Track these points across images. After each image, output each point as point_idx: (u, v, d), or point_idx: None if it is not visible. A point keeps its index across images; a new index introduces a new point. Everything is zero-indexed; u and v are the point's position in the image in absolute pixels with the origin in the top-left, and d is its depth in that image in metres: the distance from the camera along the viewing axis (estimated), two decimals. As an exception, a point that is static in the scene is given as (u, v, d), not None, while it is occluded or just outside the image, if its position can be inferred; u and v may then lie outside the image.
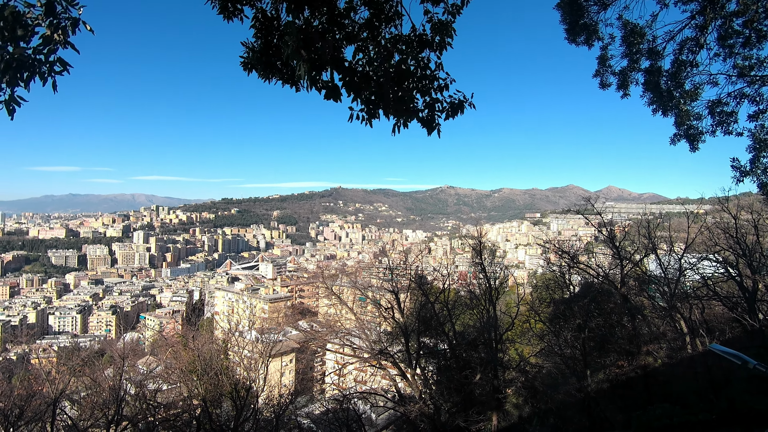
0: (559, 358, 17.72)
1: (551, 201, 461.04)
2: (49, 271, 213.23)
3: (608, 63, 9.11)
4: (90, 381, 18.88)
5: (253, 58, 4.55)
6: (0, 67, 3.44)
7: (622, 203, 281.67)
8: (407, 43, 4.55)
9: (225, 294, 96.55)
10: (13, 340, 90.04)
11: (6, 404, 15.05)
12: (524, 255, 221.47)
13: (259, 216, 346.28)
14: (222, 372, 19.01)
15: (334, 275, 41.37)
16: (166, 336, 50.09)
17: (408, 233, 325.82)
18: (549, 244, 22.37)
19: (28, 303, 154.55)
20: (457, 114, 4.78)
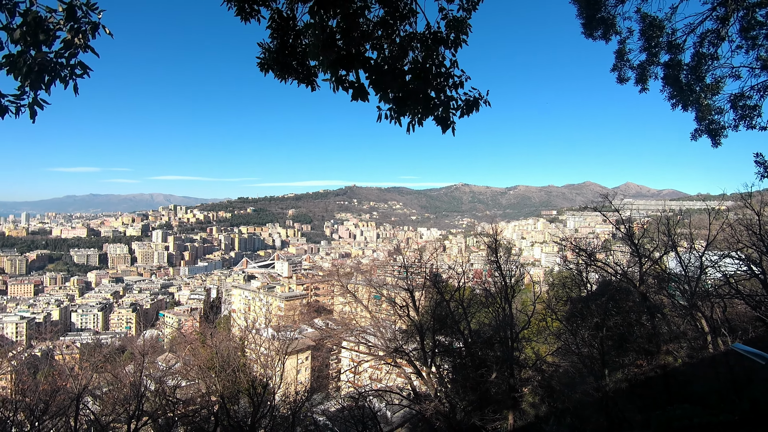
0: (576, 357, 17.52)
1: (567, 198, 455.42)
2: (71, 269, 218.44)
3: (626, 57, 8.95)
4: (111, 377, 19.30)
5: (270, 59, 4.58)
6: (23, 72, 3.51)
7: (641, 200, 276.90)
8: (422, 40, 4.53)
9: (242, 292, 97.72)
10: (37, 337, 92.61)
11: (32, 399, 15.49)
12: (540, 253, 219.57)
13: (274, 215, 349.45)
14: (239, 369, 19.26)
15: (349, 273, 41.59)
16: (184, 333, 50.90)
17: (422, 231, 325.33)
18: (565, 242, 22.15)
19: (51, 301, 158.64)
20: (472, 111, 4.73)
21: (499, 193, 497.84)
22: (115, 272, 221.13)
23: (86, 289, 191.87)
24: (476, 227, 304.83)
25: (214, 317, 59.14)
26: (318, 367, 42.65)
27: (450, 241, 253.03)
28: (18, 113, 3.86)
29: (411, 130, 4.71)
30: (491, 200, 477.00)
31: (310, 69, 4.71)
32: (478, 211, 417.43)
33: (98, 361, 19.35)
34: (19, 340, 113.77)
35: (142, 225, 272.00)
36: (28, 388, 17.44)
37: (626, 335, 16.52)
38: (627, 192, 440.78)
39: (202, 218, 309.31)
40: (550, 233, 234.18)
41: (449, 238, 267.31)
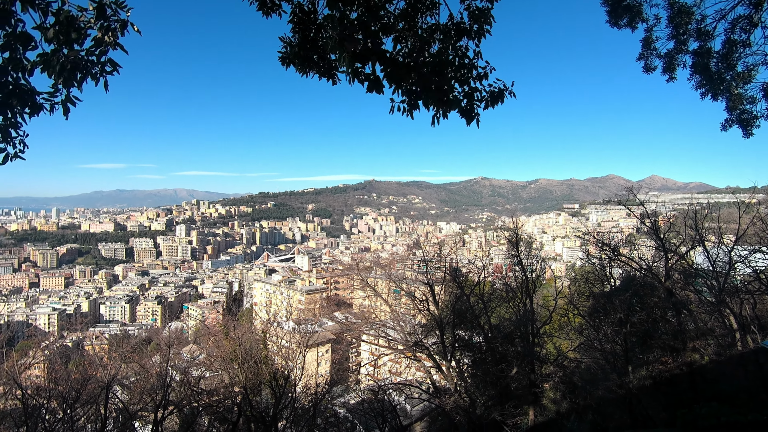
0: (598, 353, 17.22)
1: (590, 192, 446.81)
2: (99, 263, 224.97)
3: (653, 45, 8.67)
4: (139, 367, 19.85)
5: (291, 53, 4.58)
6: (57, 70, 3.60)
7: (667, 193, 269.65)
8: (444, 32, 4.47)
9: (263, 285, 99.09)
10: (68, 328, 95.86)
11: (64, 387, 16.06)
12: (562, 247, 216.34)
13: (294, 209, 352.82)
14: (261, 361, 19.58)
15: (368, 267, 41.76)
16: (208, 325, 51.94)
17: (442, 225, 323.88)
18: (588, 236, 21.74)
19: (81, 293, 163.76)
20: (497, 103, 4.66)
21: (520, 187, 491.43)
22: (140, 266, 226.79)
23: (114, 281, 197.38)
24: (496, 221, 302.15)
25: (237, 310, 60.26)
26: (338, 359, 43.06)
27: (470, 235, 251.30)
28: (52, 110, 3.96)
29: (436, 123, 4.65)
30: (511, 194, 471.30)
31: (331, 62, 4.71)
32: (498, 205, 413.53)
33: (126, 351, 19.91)
34: (51, 331, 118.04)
35: (167, 219, 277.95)
36: (60, 376, 18.07)
37: (651, 331, 16.18)
38: (652, 185, 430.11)
39: (224, 213, 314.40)
40: (572, 227, 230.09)
41: (469, 233, 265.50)
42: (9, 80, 3.70)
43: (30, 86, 3.85)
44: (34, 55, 3.71)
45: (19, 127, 4.00)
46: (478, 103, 4.69)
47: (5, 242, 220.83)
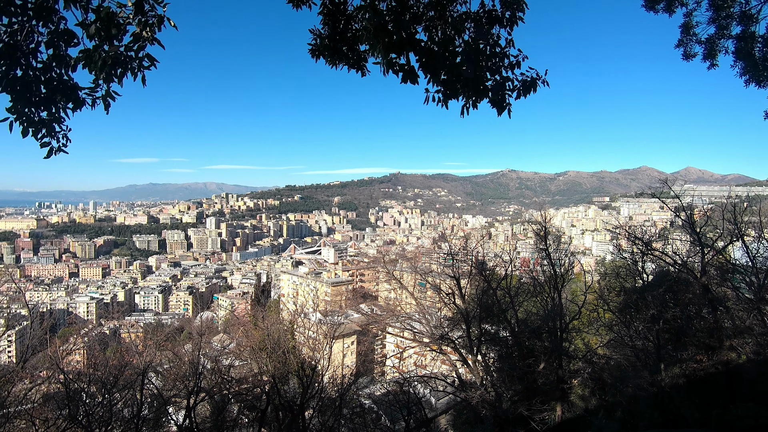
0: (629, 350, 16.82)
1: (621, 184, 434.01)
2: (134, 254, 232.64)
3: (693, 31, 8.30)
4: (172, 355, 20.51)
5: (321, 45, 4.60)
6: (98, 65, 3.71)
7: (703, 185, 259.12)
8: (476, 20, 4.40)
9: (290, 277, 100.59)
10: (106, 316, 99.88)
11: (102, 373, 16.76)
12: (591, 241, 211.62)
13: (320, 202, 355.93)
14: (289, 351, 19.94)
15: (394, 260, 41.82)
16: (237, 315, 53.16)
17: (468, 218, 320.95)
18: (619, 230, 21.18)
19: (117, 283, 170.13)
20: (529, 93, 4.57)
21: (548, 179, 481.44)
22: (173, 257, 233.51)
23: (147, 272, 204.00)
24: (523, 214, 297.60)
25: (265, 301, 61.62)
26: (364, 351, 43.45)
27: (496, 228, 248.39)
28: (94, 105, 4.09)
29: (465, 113, 4.60)
30: (539, 186, 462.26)
31: (360, 54, 4.71)
32: (526, 198, 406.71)
33: (160, 339, 20.59)
34: (90, 319, 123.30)
35: (197, 212, 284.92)
36: (99, 362, 18.87)
37: (685, 329, 15.70)
38: (687, 177, 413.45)
39: (252, 206, 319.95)
40: (603, 221, 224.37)
41: (495, 226, 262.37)
42: (53, 76, 3.85)
43: (73, 82, 3.97)
44: (75, 52, 3.84)
45: (62, 122, 4.12)
46: (509, 92, 4.61)
47: (47, 234, 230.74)
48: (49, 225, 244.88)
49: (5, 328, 18.16)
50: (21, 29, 3.59)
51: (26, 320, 34.85)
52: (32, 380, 17.86)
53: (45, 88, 3.87)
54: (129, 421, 15.15)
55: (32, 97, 3.83)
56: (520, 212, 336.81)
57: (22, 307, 47.22)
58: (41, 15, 3.60)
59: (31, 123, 3.96)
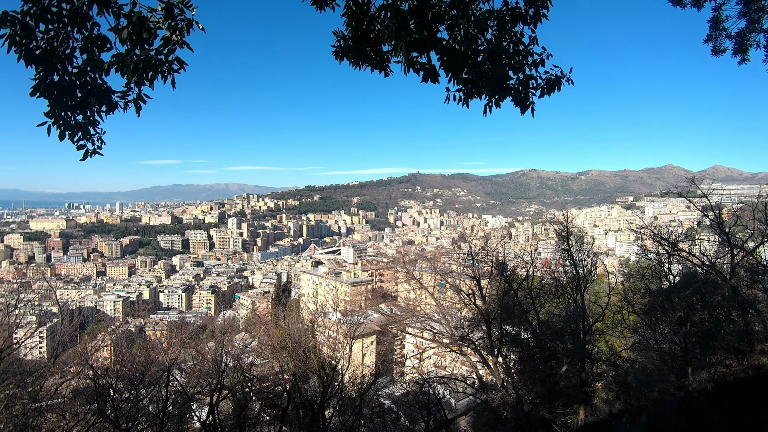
0: (655, 353, 16.41)
1: (646, 183, 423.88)
2: (158, 253, 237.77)
3: (722, 25, 8.05)
4: (195, 353, 20.88)
5: (345, 47, 4.64)
6: (130, 69, 3.82)
7: (732, 184, 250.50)
8: (499, 18, 4.37)
9: (310, 277, 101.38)
10: (132, 314, 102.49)
11: (129, 369, 17.20)
12: (614, 241, 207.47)
13: (339, 202, 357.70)
14: (310, 350, 20.09)
15: (413, 260, 41.71)
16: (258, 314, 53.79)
17: (488, 218, 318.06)
18: (644, 230, 20.69)
19: (142, 282, 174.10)
20: (554, 91, 4.50)
21: (570, 179, 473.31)
22: (195, 256, 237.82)
23: (171, 271, 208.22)
24: (544, 214, 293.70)
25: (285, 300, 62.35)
26: (383, 351, 43.48)
27: (516, 228, 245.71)
28: (126, 108, 4.21)
29: (488, 112, 4.56)
30: (561, 186, 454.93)
31: (383, 54, 4.72)
32: (547, 198, 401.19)
33: (185, 337, 20.97)
34: (117, 316, 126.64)
35: (219, 213, 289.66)
36: (126, 359, 19.37)
37: (713, 332, 15.24)
38: (715, 176, 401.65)
39: (272, 206, 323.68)
40: (627, 221, 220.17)
41: (515, 226, 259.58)
42: (87, 80, 3.97)
43: (106, 86, 4.10)
44: (108, 56, 3.94)
45: (96, 125, 4.25)
46: (533, 91, 4.55)
47: (76, 234, 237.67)
48: (78, 225, 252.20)
49: (37, 325, 18.77)
50: (57, 36, 3.71)
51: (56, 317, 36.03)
52: (62, 375, 18.44)
53: (80, 92, 3.99)
54: (154, 417, 15.50)
55: (68, 102, 3.96)
56: (541, 212, 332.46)
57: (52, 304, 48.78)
58: (76, 21, 3.72)
59: (68, 126, 4.09)
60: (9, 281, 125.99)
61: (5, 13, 3.54)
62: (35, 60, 3.71)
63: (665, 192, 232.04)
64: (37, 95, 3.82)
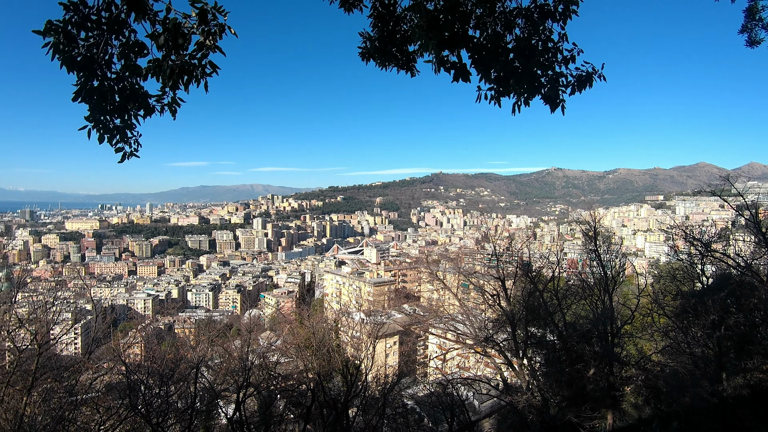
0: (687, 358, 15.92)
1: (677, 182, 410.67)
2: (186, 253, 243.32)
3: (758, 15, 7.77)
4: (222, 351, 21.34)
5: (371, 48, 4.67)
6: (166, 74, 3.95)
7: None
8: (527, 15, 4.32)
9: (333, 277, 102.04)
10: (161, 312, 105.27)
11: (159, 365, 17.70)
12: (644, 242, 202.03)
13: (362, 203, 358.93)
14: (333, 350, 20.26)
15: (436, 260, 41.56)
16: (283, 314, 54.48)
17: (512, 218, 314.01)
18: (675, 230, 20.09)
19: (171, 281, 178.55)
20: (584, 88, 4.43)
21: (597, 177, 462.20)
22: (222, 256, 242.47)
23: (199, 271, 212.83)
24: (570, 214, 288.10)
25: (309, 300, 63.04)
26: (406, 351, 43.43)
27: (541, 228, 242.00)
28: (162, 111, 4.36)
29: (516, 111, 4.52)
30: (587, 185, 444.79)
31: (410, 54, 4.73)
32: (573, 197, 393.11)
33: (213, 335, 21.45)
34: (147, 314, 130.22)
35: (244, 213, 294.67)
36: (156, 356, 19.92)
37: (749, 336, 14.68)
38: (751, 173, 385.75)
39: (296, 206, 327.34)
40: (657, 220, 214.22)
41: (540, 226, 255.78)
42: (125, 85, 4.13)
43: (143, 90, 4.25)
44: (144, 62, 4.08)
45: (134, 128, 4.42)
46: (563, 88, 4.47)
47: (108, 234, 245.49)
48: (110, 226, 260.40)
49: (73, 322, 19.48)
50: (97, 43, 3.87)
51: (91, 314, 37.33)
52: (96, 371, 19.11)
53: (119, 96, 4.15)
54: (183, 413, 15.89)
55: (107, 106, 4.12)
56: (567, 212, 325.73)
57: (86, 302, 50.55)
58: (114, 29, 3.87)
59: (107, 130, 4.26)
60: (46, 279, 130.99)
61: (49, 22, 3.71)
62: (76, 66, 3.88)
63: (697, 191, 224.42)
64: (78, 100, 4.00)
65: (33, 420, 13.44)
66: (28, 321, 15.94)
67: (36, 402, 14.43)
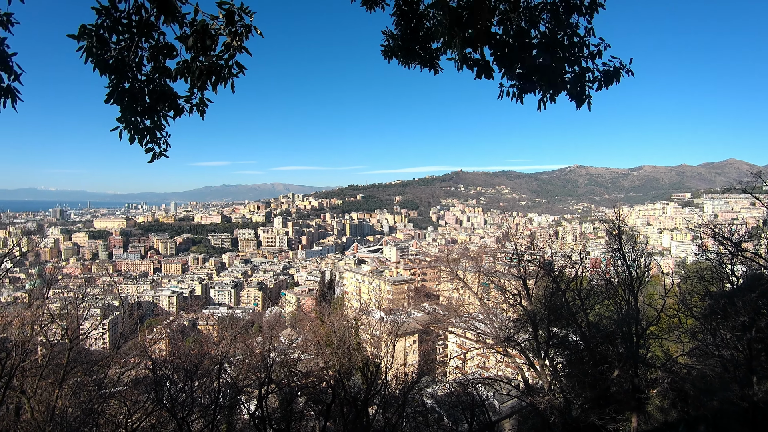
0: (715, 360, 15.47)
1: (705, 179, 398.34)
2: (209, 251, 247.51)
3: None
4: (244, 347, 21.67)
5: (394, 46, 4.68)
6: (195, 75, 4.05)
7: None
8: (552, 10, 4.25)
9: (353, 275, 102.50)
10: (185, 308, 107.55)
11: (184, 361, 18.09)
12: (670, 241, 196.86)
13: (382, 201, 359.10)
14: (354, 348, 20.36)
15: (456, 259, 41.34)
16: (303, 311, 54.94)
17: (533, 217, 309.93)
18: (703, 228, 19.51)
19: (195, 278, 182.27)
20: (612, 83, 4.32)
21: (621, 175, 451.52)
22: (244, 254, 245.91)
23: (221, 268, 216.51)
24: (593, 212, 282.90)
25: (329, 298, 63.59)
26: (426, 350, 43.33)
27: (564, 227, 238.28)
28: (191, 112, 4.46)
29: (542, 108, 4.44)
30: (611, 183, 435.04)
31: (433, 52, 4.72)
32: (596, 195, 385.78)
33: (236, 332, 21.78)
34: (172, 311, 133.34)
35: (266, 212, 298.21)
36: (181, 351, 20.35)
37: (782, 338, 14.19)
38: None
39: (316, 205, 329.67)
40: (684, 219, 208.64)
41: (563, 225, 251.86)
42: (155, 87, 4.24)
43: (173, 91, 4.35)
44: (173, 63, 4.19)
45: (163, 129, 4.53)
46: (589, 84, 4.39)
47: (134, 232, 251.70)
48: (136, 224, 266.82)
49: (101, 318, 20.07)
50: (128, 46, 3.99)
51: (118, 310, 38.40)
52: (123, 365, 19.65)
53: (149, 98, 4.26)
54: (206, 408, 16.20)
55: (138, 107, 4.24)
56: (590, 210, 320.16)
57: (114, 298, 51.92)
58: (144, 31, 3.98)
59: (138, 131, 4.38)
60: (76, 276, 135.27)
61: (83, 26, 3.83)
62: (108, 69, 4.00)
63: (727, 188, 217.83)
64: (111, 102, 4.12)
65: (64, 412, 13.91)
66: (59, 316, 16.49)
67: (67, 395, 14.91)
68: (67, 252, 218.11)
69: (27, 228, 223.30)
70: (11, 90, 4.01)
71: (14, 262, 15.87)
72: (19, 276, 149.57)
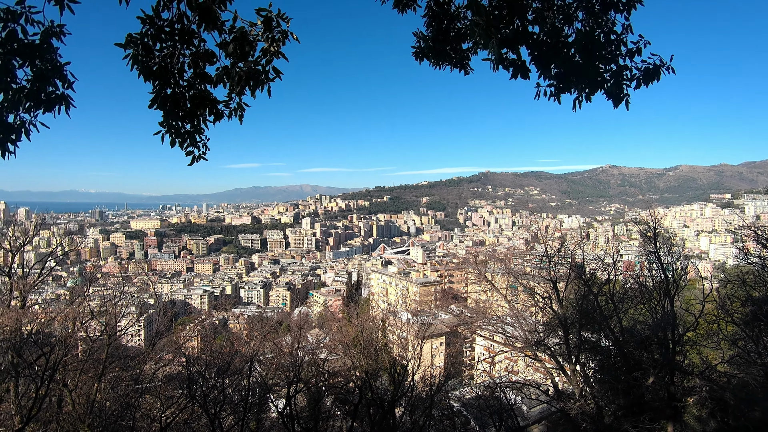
0: (758, 369, 14.79)
1: (746, 179, 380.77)
2: (239, 251, 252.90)
3: None
4: (273, 346, 22.04)
5: (425, 47, 4.69)
6: (234, 80, 4.18)
7: None
8: (587, 7, 4.18)
9: (379, 276, 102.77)
10: (216, 307, 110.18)
11: (215, 359, 18.55)
12: (708, 243, 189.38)
13: (409, 202, 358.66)
14: (381, 349, 20.42)
15: (484, 261, 40.92)
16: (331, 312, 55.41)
17: (563, 218, 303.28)
18: (744, 230, 18.67)
19: (225, 278, 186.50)
20: (651, 81, 4.19)
21: (655, 175, 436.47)
22: (272, 255, 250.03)
23: (251, 269, 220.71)
24: (626, 214, 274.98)
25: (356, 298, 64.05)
26: (453, 353, 43.02)
27: (595, 229, 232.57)
28: (230, 116, 4.62)
29: (578, 107, 4.38)
30: (645, 183, 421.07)
31: (463, 53, 4.71)
32: (629, 196, 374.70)
33: (266, 331, 22.18)
34: (203, 309, 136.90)
35: (294, 213, 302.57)
36: (213, 349, 20.88)
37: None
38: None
39: (343, 206, 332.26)
40: (723, 220, 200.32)
41: (594, 226, 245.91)
42: (196, 92, 4.40)
43: (213, 96, 4.50)
44: (212, 69, 4.33)
45: (202, 133, 4.70)
46: (627, 82, 4.28)
47: (168, 233, 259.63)
48: (170, 225, 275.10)
49: (137, 315, 20.79)
50: (171, 53, 4.16)
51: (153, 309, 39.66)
52: (158, 362, 20.30)
53: (190, 103, 4.43)
54: (237, 405, 16.56)
55: (179, 112, 4.41)
56: (623, 212, 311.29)
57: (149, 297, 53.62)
58: (185, 39, 4.14)
59: (179, 135, 4.57)
60: (114, 275, 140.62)
61: (130, 35, 4.03)
62: (152, 75, 4.18)
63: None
64: (154, 107, 4.31)
65: (102, 405, 14.48)
66: (99, 313, 17.19)
67: (105, 389, 15.51)
68: (106, 251, 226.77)
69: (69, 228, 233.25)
70: (66, 97, 4.22)
71: (57, 261, 16.58)
72: (61, 274, 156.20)
